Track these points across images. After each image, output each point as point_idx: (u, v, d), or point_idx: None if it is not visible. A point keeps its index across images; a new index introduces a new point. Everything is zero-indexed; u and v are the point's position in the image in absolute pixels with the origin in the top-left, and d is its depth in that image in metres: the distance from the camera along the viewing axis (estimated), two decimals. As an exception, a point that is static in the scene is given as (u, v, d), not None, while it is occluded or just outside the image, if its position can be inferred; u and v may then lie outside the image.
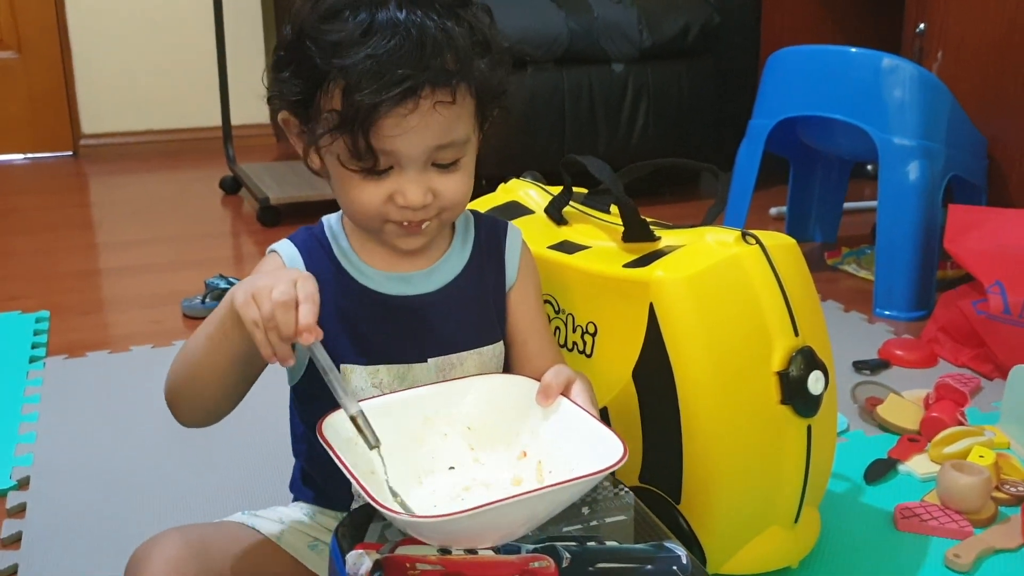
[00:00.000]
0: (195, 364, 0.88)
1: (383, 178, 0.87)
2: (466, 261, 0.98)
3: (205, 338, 0.86)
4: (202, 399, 0.91)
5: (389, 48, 0.81)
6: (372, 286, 0.94)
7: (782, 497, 1.07)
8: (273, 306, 0.77)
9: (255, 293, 0.79)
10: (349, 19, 0.83)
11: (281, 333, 0.78)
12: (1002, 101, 2.16)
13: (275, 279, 0.79)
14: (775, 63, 2.18)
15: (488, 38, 0.88)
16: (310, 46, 0.84)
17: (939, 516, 1.22)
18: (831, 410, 1.10)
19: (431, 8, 0.84)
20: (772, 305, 1.02)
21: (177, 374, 0.90)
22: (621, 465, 0.79)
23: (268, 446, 1.41)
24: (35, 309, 2.03)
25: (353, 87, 0.82)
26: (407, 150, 0.85)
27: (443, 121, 0.85)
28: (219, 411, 0.93)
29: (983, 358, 1.70)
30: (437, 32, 0.83)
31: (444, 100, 0.84)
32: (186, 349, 0.90)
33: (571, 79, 2.72)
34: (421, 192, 0.87)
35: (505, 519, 0.77)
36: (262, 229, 2.64)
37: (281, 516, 0.99)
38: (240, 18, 3.59)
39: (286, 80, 0.87)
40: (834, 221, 2.48)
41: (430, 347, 0.95)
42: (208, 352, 0.86)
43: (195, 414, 0.93)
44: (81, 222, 2.85)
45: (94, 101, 3.61)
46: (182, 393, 0.91)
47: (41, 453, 1.43)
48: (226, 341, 0.84)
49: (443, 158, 0.88)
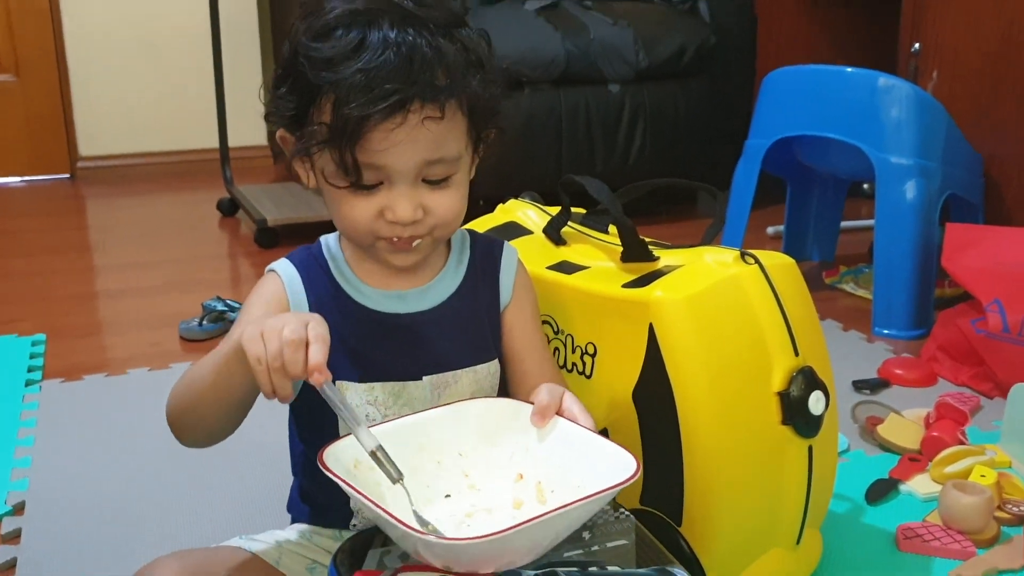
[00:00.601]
0: (197, 394, 0.88)
1: (373, 194, 0.88)
2: (461, 280, 0.99)
3: (209, 370, 0.87)
4: (203, 425, 0.91)
5: (379, 63, 0.83)
6: (368, 304, 0.95)
7: (784, 518, 1.06)
8: (282, 344, 0.78)
9: (264, 331, 0.79)
10: (342, 36, 0.85)
11: (288, 371, 0.78)
12: (997, 120, 2.17)
13: (286, 319, 0.80)
14: (771, 83, 2.19)
15: (481, 57, 0.89)
16: (303, 62, 0.85)
17: (941, 536, 1.21)
18: (832, 430, 1.09)
19: (424, 28, 0.86)
20: (772, 325, 1.02)
21: (179, 400, 0.91)
22: (636, 477, 0.79)
23: (265, 470, 1.40)
24: (31, 332, 2.02)
25: (342, 100, 0.83)
26: (396, 164, 0.86)
27: (433, 136, 0.86)
28: (220, 435, 0.93)
29: (983, 377, 1.69)
30: (428, 49, 0.84)
31: (433, 115, 0.85)
32: (189, 377, 0.90)
33: (568, 100, 2.73)
34: (411, 208, 0.88)
35: (535, 537, 0.77)
36: (260, 251, 2.64)
37: (279, 539, 0.98)
38: (237, 40, 3.60)
39: (282, 96, 0.89)
40: (831, 240, 2.49)
41: (425, 365, 0.95)
42: (211, 385, 0.87)
43: (196, 438, 0.93)
44: (78, 245, 2.85)
45: (91, 124, 3.61)
46: (183, 419, 0.91)
47: (37, 478, 1.42)
48: (230, 378, 0.85)
49: (433, 174, 0.88)
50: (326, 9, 0.87)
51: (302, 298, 0.94)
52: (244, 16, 3.67)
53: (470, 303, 0.99)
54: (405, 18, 0.85)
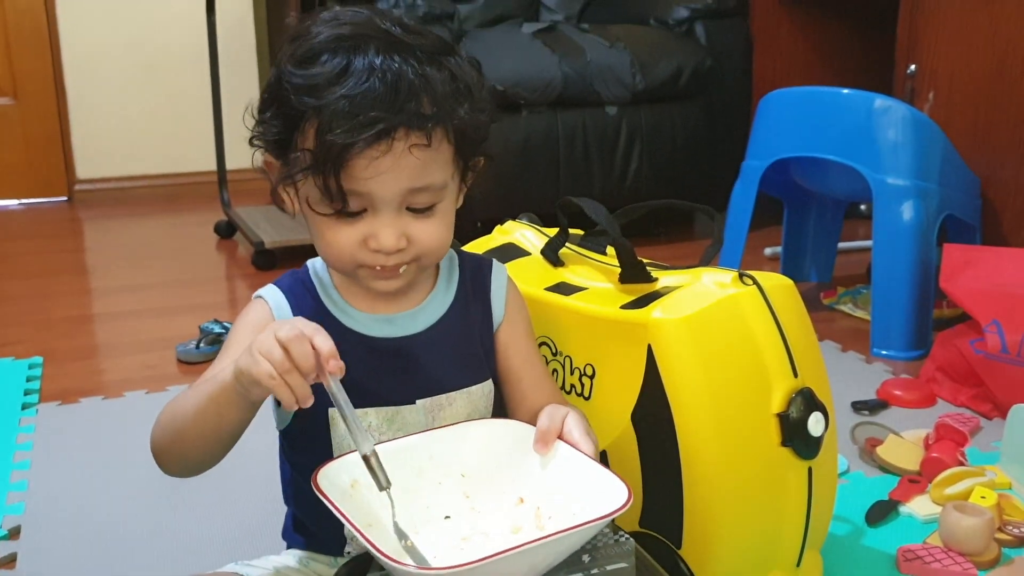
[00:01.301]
0: (182, 428, 0.87)
1: (356, 221, 0.87)
2: (451, 301, 0.98)
3: (195, 405, 0.85)
4: (188, 458, 0.91)
5: (363, 90, 0.82)
6: (358, 328, 0.94)
7: (784, 540, 1.06)
8: (284, 345, 0.77)
9: (259, 348, 0.78)
10: (326, 62, 0.84)
11: (301, 368, 0.77)
12: (994, 141, 2.17)
13: (272, 327, 0.79)
14: (768, 105, 2.20)
15: (470, 85, 0.89)
16: (287, 87, 0.85)
17: (942, 558, 1.21)
18: (831, 452, 1.09)
19: (411, 55, 0.85)
20: (771, 346, 1.02)
21: (164, 432, 0.90)
22: (627, 508, 0.78)
23: (261, 494, 1.39)
24: (28, 355, 2.02)
25: (325, 127, 0.82)
26: (380, 192, 0.85)
27: (418, 164, 0.85)
28: (206, 466, 0.92)
29: (982, 397, 1.69)
30: (414, 76, 0.84)
31: (419, 143, 0.84)
32: (175, 410, 0.89)
33: (565, 122, 2.74)
34: (394, 236, 0.87)
35: (513, 568, 0.76)
36: (257, 273, 2.63)
37: (275, 565, 0.97)
38: (235, 63, 3.62)
39: (266, 121, 0.88)
40: (829, 261, 2.49)
41: (418, 389, 0.94)
42: (198, 420, 0.86)
43: (180, 470, 0.93)
44: (75, 267, 2.84)
45: (89, 146, 3.62)
46: (168, 451, 0.91)
47: (33, 502, 1.41)
48: (219, 414, 0.84)
49: (418, 202, 0.87)
50: (312, 34, 0.86)
51: None
52: (241, 39, 3.69)
53: (462, 324, 0.98)
54: (392, 45, 0.85)
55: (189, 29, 3.53)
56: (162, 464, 0.92)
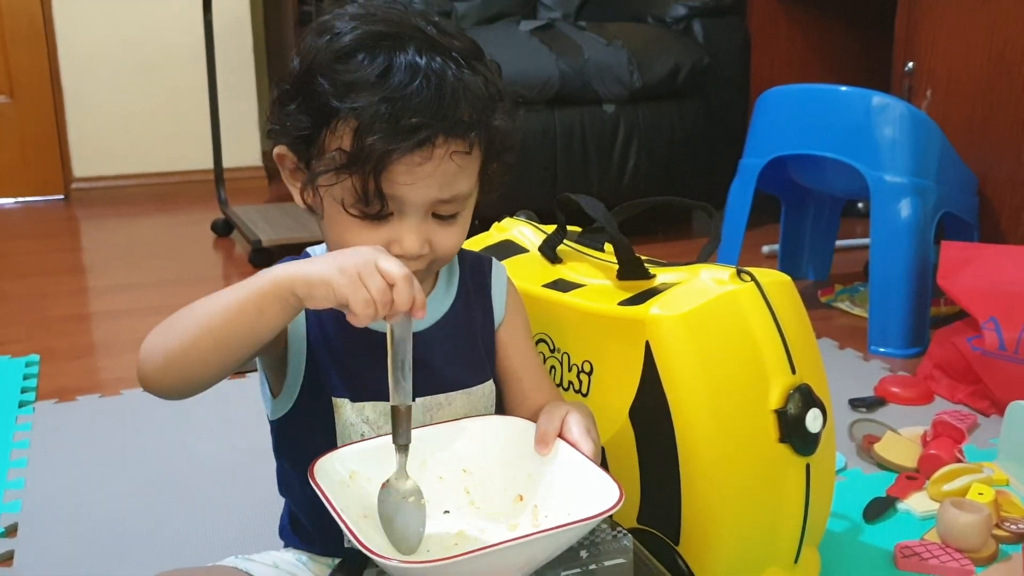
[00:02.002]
0: (199, 334, 0.80)
1: (382, 224, 0.85)
2: (452, 300, 0.97)
3: (228, 308, 0.79)
4: (192, 370, 0.82)
5: (406, 93, 0.80)
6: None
7: (782, 537, 1.06)
8: (394, 279, 0.76)
9: (358, 269, 0.76)
10: (364, 60, 0.82)
11: (398, 307, 0.77)
12: (991, 138, 2.17)
13: (366, 251, 0.77)
14: (765, 102, 2.20)
15: (500, 91, 0.87)
16: (322, 82, 0.82)
17: (940, 555, 1.21)
18: (829, 448, 1.09)
19: (449, 57, 0.83)
20: (769, 342, 1.02)
21: (166, 343, 0.81)
22: (616, 510, 0.78)
23: (259, 490, 1.39)
24: (25, 353, 2.01)
25: (365, 129, 0.80)
26: (412, 198, 0.84)
27: (454, 171, 0.84)
28: (210, 382, 0.84)
29: (979, 394, 1.69)
30: (455, 81, 0.82)
31: (459, 150, 0.83)
32: (186, 318, 0.81)
33: (563, 120, 2.73)
34: (419, 242, 0.86)
35: (498, 565, 0.76)
36: (254, 271, 2.62)
37: (276, 561, 0.97)
38: (232, 61, 3.61)
39: (291, 114, 0.86)
40: (826, 259, 2.49)
41: (418, 386, 0.93)
42: (229, 323, 0.79)
43: (173, 384, 0.83)
44: (72, 266, 2.84)
45: (86, 145, 3.61)
46: (167, 363, 0.81)
47: (30, 500, 1.41)
48: (259, 316, 0.79)
49: (445, 209, 0.87)
50: (344, 29, 0.84)
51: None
52: (238, 37, 3.68)
53: (463, 322, 0.97)
54: (431, 45, 0.83)
55: (186, 28, 3.52)
56: (152, 380, 0.82)
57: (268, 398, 0.96)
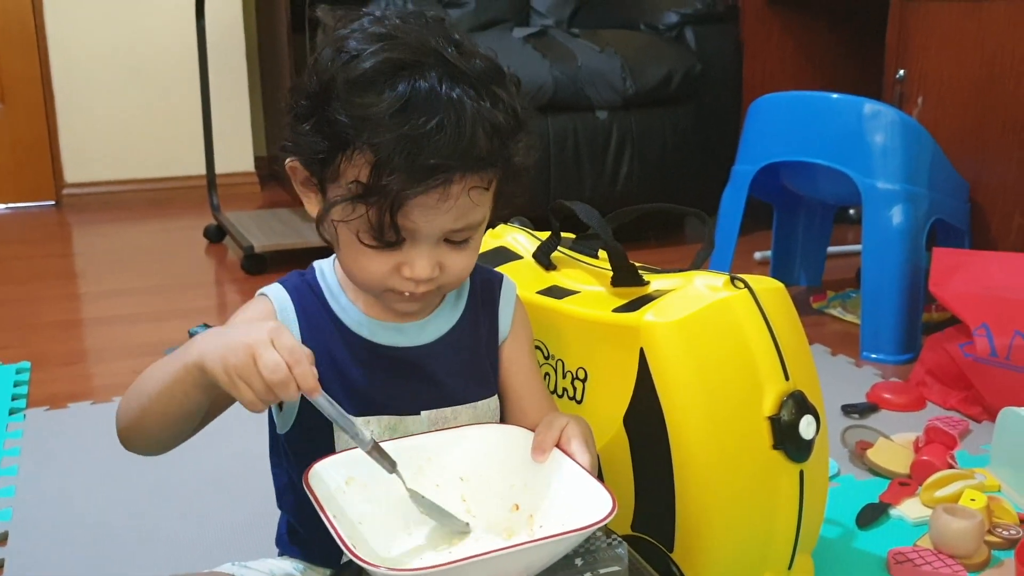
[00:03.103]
0: (146, 406, 0.86)
1: (393, 250, 0.85)
2: (461, 313, 0.97)
3: (159, 386, 0.83)
4: (149, 436, 0.89)
5: (426, 132, 0.78)
6: (366, 334, 0.92)
7: (776, 543, 1.06)
8: (267, 384, 0.76)
9: (239, 370, 0.76)
10: (385, 91, 0.80)
11: (280, 400, 0.78)
12: (983, 145, 2.18)
13: (250, 342, 0.77)
14: (757, 109, 2.21)
15: (518, 115, 0.86)
16: (339, 110, 0.81)
17: (932, 561, 1.21)
18: (823, 455, 1.09)
19: (468, 85, 0.82)
20: (762, 349, 1.02)
21: (128, 409, 0.88)
22: (609, 520, 0.78)
23: (252, 498, 1.39)
24: (16, 360, 2.00)
25: (383, 164, 0.79)
26: (427, 229, 0.84)
27: (469, 205, 0.84)
28: (172, 445, 0.91)
29: (971, 401, 1.70)
30: (474, 115, 0.81)
31: (476, 186, 0.83)
32: (138, 387, 0.87)
33: (556, 126, 2.74)
34: (430, 267, 0.85)
35: (493, 573, 0.76)
36: (247, 277, 2.63)
37: (272, 569, 0.97)
38: (224, 67, 3.61)
39: (307, 134, 0.84)
40: (819, 265, 2.50)
41: (424, 399, 0.93)
42: (162, 400, 0.84)
43: (141, 446, 0.92)
44: (63, 272, 2.83)
45: (77, 150, 3.61)
46: (130, 428, 0.89)
47: (21, 508, 1.40)
48: (185, 398, 0.83)
49: (458, 236, 0.86)
50: (362, 52, 0.81)
51: (293, 326, 0.91)
52: (231, 43, 3.68)
53: (470, 337, 0.97)
54: (450, 73, 0.81)
55: (179, 33, 3.52)
56: (125, 441, 0.91)
57: (275, 413, 0.96)
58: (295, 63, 3.19)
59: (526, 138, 0.87)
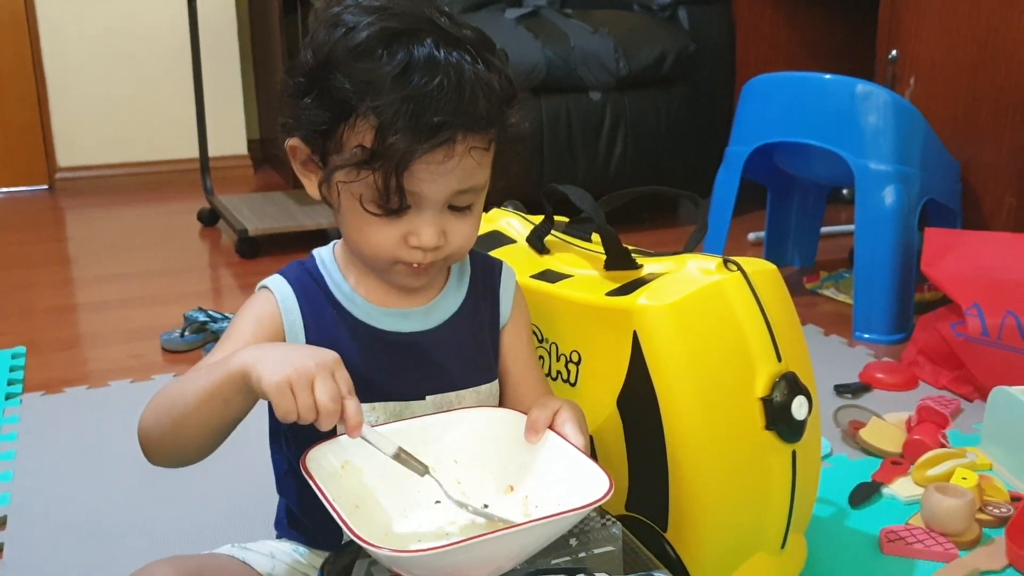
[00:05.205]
0: (181, 417, 0.84)
1: (399, 218, 0.85)
2: (463, 298, 0.97)
3: (200, 395, 0.82)
4: (181, 448, 0.87)
5: (428, 91, 0.79)
6: (369, 321, 0.92)
7: (768, 523, 1.07)
8: (317, 406, 0.76)
9: (295, 383, 0.76)
10: (384, 56, 0.81)
11: (320, 426, 0.78)
12: (974, 126, 2.19)
13: (316, 364, 0.77)
14: (751, 90, 2.21)
15: (512, 82, 0.87)
16: (340, 79, 0.82)
17: (924, 539, 1.22)
18: (815, 435, 1.10)
19: (465, 51, 0.83)
20: (755, 331, 1.02)
21: (160, 421, 0.86)
22: (606, 500, 0.78)
23: (251, 482, 1.39)
24: (11, 345, 2.01)
25: (387, 126, 0.80)
26: (431, 193, 0.84)
27: (472, 166, 0.84)
28: (196, 458, 0.89)
29: (963, 380, 1.71)
30: (473, 77, 0.82)
31: (478, 146, 0.83)
32: (171, 398, 0.85)
33: (549, 108, 2.74)
34: (436, 234, 0.86)
35: (488, 554, 0.76)
36: (241, 261, 2.63)
37: (272, 551, 0.97)
38: (217, 50, 3.59)
39: (307, 108, 0.85)
40: (812, 246, 2.50)
41: (428, 385, 0.93)
42: (200, 410, 0.83)
43: (170, 459, 0.89)
44: (57, 257, 2.83)
45: (70, 134, 3.60)
46: (160, 441, 0.87)
47: (18, 492, 1.41)
48: (225, 407, 0.82)
49: (461, 201, 0.87)
50: (359, 24, 0.82)
51: (296, 317, 0.91)
52: (224, 26, 3.66)
53: (472, 321, 0.97)
54: (447, 39, 0.82)
55: (171, 15, 3.51)
56: (153, 454, 0.88)
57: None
58: (287, 45, 3.18)
59: (518, 108, 0.88)
